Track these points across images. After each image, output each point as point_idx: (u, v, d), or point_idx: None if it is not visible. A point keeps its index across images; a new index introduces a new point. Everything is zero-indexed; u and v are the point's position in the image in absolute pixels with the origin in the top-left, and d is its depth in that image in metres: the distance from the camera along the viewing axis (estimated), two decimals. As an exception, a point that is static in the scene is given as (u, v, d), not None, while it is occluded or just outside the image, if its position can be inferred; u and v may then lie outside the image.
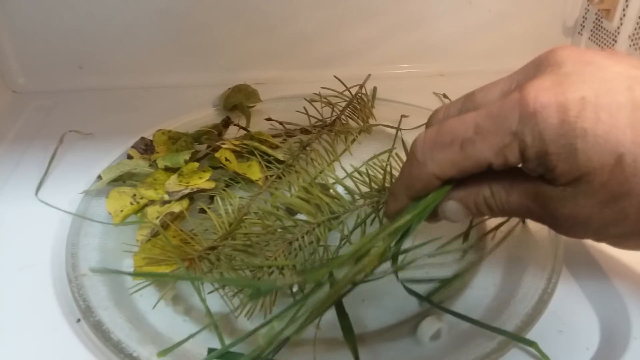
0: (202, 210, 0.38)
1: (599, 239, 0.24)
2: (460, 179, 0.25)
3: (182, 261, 0.32)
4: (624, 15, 0.53)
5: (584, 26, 0.60)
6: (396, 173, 0.34)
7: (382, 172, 0.36)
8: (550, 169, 0.22)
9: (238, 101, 0.52)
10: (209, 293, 0.31)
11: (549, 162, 0.22)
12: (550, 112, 0.21)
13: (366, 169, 0.35)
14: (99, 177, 0.40)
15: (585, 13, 0.59)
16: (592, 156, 0.21)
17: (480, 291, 0.33)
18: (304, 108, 0.48)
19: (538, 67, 0.23)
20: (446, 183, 0.25)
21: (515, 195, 0.25)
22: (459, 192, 0.26)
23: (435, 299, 0.31)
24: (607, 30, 0.55)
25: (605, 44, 0.56)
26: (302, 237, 0.32)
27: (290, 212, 0.36)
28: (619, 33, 0.53)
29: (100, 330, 0.29)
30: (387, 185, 0.34)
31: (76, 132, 0.48)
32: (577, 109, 0.21)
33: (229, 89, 0.54)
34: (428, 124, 0.28)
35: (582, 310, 0.31)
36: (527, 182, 0.24)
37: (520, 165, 0.23)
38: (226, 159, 0.41)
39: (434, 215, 0.28)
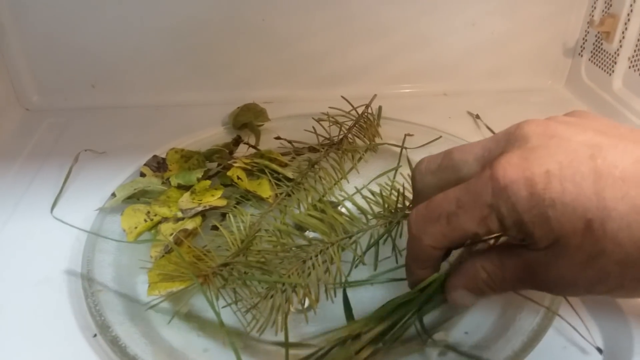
0: (215, 227, 0.39)
1: (594, 294, 0.25)
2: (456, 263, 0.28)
3: (196, 277, 0.33)
4: (624, 37, 0.54)
5: (584, 47, 0.61)
6: (408, 193, 0.35)
7: (389, 190, 0.37)
8: (529, 235, 0.24)
9: (247, 120, 0.54)
10: (223, 307, 0.31)
11: (526, 228, 0.23)
12: (519, 186, 0.23)
13: (380, 191, 0.36)
14: (113, 195, 0.41)
15: (586, 35, 0.61)
16: (563, 222, 0.23)
17: (486, 310, 0.33)
18: (313, 127, 0.49)
19: (507, 139, 0.25)
20: (446, 254, 0.29)
21: (509, 272, 0.26)
22: (459, 280, 0.28)
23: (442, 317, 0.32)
24: (607, 52, 0.57)
25: (605, 66, 0.57)
26: (316, 256, 0.33)
27: (300, 228, 0.37)
28: (618, 55, 0.55)
29: (116, 345, 0.30)
30: (399, 205, 0.35)
31: (90, 151, 0.49)
32: (543, 181, 0.23)
33: (238, 107, 0.55)
34: (413, 175, 0.31)
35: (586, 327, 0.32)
36: (514, 257, 0.26)
37: (502, 234, 0.26)
38: (237, 177, 0.42)
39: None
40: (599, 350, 0.30)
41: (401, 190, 0.36)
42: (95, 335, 0.31)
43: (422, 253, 0.28)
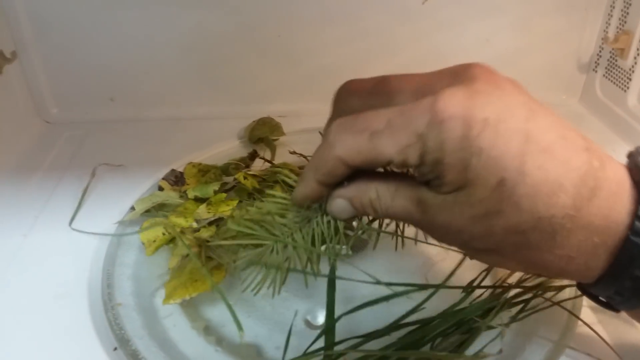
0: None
1: (464, 249, 0.26)
2: (352, 175, 0.26)
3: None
4: (638, 54, 0.54)
5: (598, 63, 0.61)
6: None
7: None
8: (440, 176, 0.23)
9: (263, 134, 0.54)
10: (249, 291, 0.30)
11: (441, 169, 0.23)
12: (455, 124, 0.22)
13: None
14: (132, 208, 0.42)
15: (600, 51, 0.61)
16: (479, 173, 0.22)
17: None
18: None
19: (453, 77, 0.25)
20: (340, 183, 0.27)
21: (399, 200, 0.26)
22: (347, 190, 0.27)
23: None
24: (622, 69, 0.57)
25: (620, 82, 0.58)
26: (322, 216, 0.30)
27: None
28: (633, 71, 0.55)
29: (136, 359, 0.31)
30: None
31: (107, 165, 0.50)
32: (478, 128, 0.22)
33: (254, 121, 0.56)
34: (338, 93, 0.29)
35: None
36: (411, 189, 0.26)
37: (412, 169, 0.25)
38: (244, 177, 0.42)
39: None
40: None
41: None
42: (115, 349, 0.32)
43: (327, 162, 0.26)
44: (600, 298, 0.27)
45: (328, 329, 0.29)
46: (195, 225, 0.40)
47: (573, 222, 0.23)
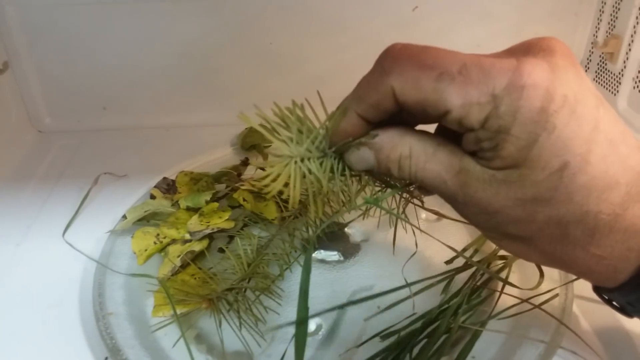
0: (222, 250, 0.39)
1: (492, 232, 0.24)
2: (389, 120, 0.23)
3: (201, 301, 0.34)
4: (628, 58, 0.54)
5: (588, 68, 0.62)
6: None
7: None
8: (497, 147, 0.21)
9: (255, 141, 0.54)
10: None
11: (502, 140, 0.21)
12: (537, 93, 0.20)
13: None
14: (124, 217, 0.42)
15: (590, 55, 0.61)
16: (544, 154, 0.21)
17: (493, 334, 0.33)
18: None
19: (527, 50, 0.22)
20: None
21: (434, 164, 0.23)
22: (376, 140, 0.24)
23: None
24: (612, 73, 0.57)
25: (609, 86, 0.58)
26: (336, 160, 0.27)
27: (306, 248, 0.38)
28: (622, 75, 0.55)
29: (127, 369, 0.31)
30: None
31: (109, 174, 0.50)
32: (558, 103, 0.20)
33: (246, 128, 0.56)
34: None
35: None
36: (452, 155, 0.23)
37: (464, 131, 0.22)
38: (244, 199, 0.43)
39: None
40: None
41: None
42: (106, 359, 0.32)
43: (376, 93, 0.23)
44: (614, 303, 0.26)
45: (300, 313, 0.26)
46: (187, 236, 0.40)
47: (617, 221, 0.22)
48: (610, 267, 0.23)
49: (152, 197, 0.45)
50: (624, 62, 0.55)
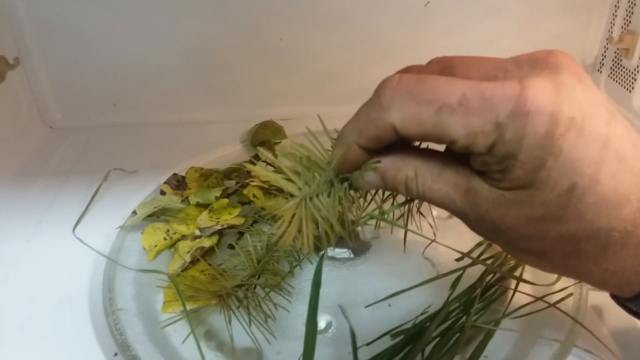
0: (232, 246, 0.39)
1: (506, 247, 0.24)
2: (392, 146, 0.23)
3: (211, 298, 0.34)
4: (643, 54, 0.54)
5: (603, 64, 0.61)
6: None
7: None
8: (505, 171, 0.21)
9: (265, 138, 0.54)
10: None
11: (509, 164, 0.21)
12: (541, 119, 0.20)
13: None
14: (134, 213, 0.42)
15: (605, 51, 0.60)
16: (552, 175, 0.21)
17: (506, 333, 0.33)
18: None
19: (534, 64, 0.22)
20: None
21: (441, 184, 0.23)
22: (381, 163, 0.24)
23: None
24: (627, 69, 0.56)
25: (625, 82, 0.57)
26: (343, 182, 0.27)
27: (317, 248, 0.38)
28: (638, 72, 0.54)
29: (137, 365, 0.31)
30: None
31: (119, 170, 0.50)
32: (564, 127, 0.20)
33: (256, 125, 0.56)
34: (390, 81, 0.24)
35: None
36: (459, 175, 0.23)
37: (473, 156, 0.22)
38: (254, 196, 0.42)
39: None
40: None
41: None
42: (115, 355, 0.32)
43: (376, 128, 0.23)
44: (631, 308, 0.26)
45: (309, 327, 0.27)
46: (197, 232, 0.39)
47: (629, 237, 0.22)
48: (624, 280, 0.23)
49: (162, 193, 0.45)
50: (640, 58, 0.54)
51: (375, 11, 0.58)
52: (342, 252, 0.40)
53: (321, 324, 0.34)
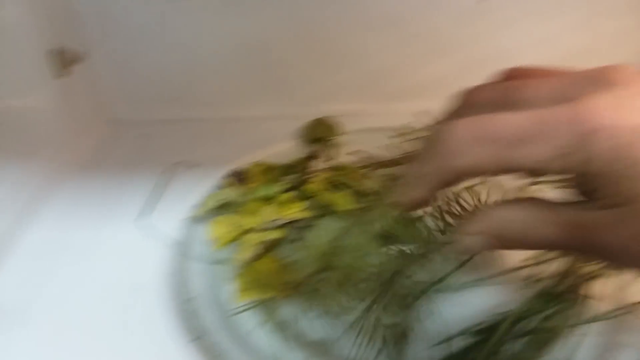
0: (298, 239, 0.40)
1: (635, 266, 0.24)
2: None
3: (282, 289, 0.34)
4: None
5: (665, 63, 0.59)
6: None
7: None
8: (594, 190, 0.22)
9: (321, 134, 0.55)
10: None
11: (591, 182, 0.21)
12: (604, 135, 0.21)
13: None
14: (200, 205, 0.43)
15: (667, 50, 0.59)
16: (637, 184, 0.21)
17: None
18: (397, 141, 0.49)
19: (592, 81, 0.23)
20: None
21: (547, 229, 0.24)
22: (479, 225, 0.25)
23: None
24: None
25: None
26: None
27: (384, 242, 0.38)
28: None
29: (211, 352, 0.31)
30: None
31: (183, 163, 0.51)
32: (629, 137, 0.21)
33: (311, 121, 0.57)
34: (461, 106, 0.28)
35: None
36: (570, 210, 0.23)
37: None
38: (319, 190, 0.43)
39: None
40: None
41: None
42: (193, 340, 0.33)
43: (449, 174, 0.24)
44: None
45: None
46: (264, 225, 0.40)
47: None
48: None
49: (226, 186, 0.46)
50: None
51: (428, 8, 0.58)
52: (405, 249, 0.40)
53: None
